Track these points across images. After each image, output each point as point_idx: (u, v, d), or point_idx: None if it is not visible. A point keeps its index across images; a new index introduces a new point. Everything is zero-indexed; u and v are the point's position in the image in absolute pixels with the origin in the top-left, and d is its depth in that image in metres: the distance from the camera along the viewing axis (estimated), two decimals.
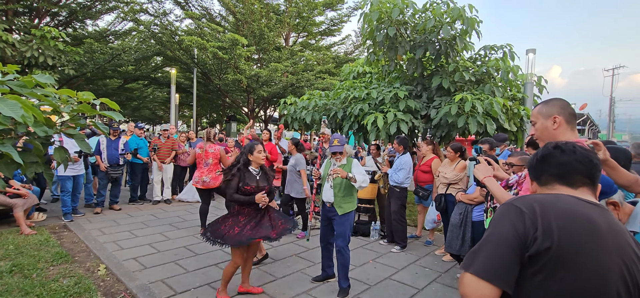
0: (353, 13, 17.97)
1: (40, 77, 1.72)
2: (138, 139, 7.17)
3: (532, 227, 0.96)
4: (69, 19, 13.36)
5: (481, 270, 0.98)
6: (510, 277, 0.96)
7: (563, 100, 1.75)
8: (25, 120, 1.29)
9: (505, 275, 0.96)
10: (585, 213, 0.99)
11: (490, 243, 1.01)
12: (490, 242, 1.01)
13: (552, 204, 1.01)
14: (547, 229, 0.95)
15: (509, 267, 0.96)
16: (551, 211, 0.98)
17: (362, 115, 5.92)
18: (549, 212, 0.98)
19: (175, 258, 4.26)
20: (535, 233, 0.95)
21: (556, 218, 0.96)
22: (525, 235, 0.96)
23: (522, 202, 1.03)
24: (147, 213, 6.46)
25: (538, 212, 0.98)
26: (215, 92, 16.90)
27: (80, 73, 12.96)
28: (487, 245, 1.01)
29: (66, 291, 3.24)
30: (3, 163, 1.62)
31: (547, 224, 0.96)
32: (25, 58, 8.27)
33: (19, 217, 4.97)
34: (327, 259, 3.74)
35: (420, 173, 5.14)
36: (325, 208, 3.60)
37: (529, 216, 0.98)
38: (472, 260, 1.02)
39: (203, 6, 16.37)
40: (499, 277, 0.96)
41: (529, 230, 0.96)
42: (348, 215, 3.48)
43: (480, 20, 5.64)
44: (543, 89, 6.75)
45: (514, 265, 0.97)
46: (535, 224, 0.96)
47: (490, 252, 0.99)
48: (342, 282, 3.46)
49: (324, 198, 3.58)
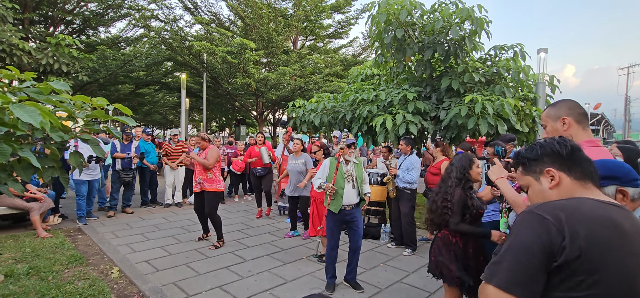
0: (361, 15, 17.96)
1: (55, 84, 1.76)
2: (146, 143, 7.31)
3: (559, 236, 0.92)
4: (83, 26, 13.69)
5: (505, 282, 0.94)
6: (536, 288, 0.93)
7: (571, 100, 1.73)
8: (43, 126, 1.32)
9: (530, 286, 0.93)
10: (610, 217, 0.96)
11: (513, 254, 0.97)
12: (514, 253, 0.97)
13: (576, 210, 0.96)
14: (575, 238, 0.91)
15: (535, 278, 0.93)
16: (576, 218, 0.94)
17: (370, 117, 5.90)
18: (575, 220, 0.94)
19: (186, 261, 4.31)
20: (563, 242, 0.92)
21: (582, 225, 0.93)
22: (551, 244, 0.92)
23: (545, 209, 0.98)
24: (159, 216, 6.54)
25: (563, 220, 0.93)
26: (224, 96, 17.06)
27: (94, 79, 13.23)
28: (510, 256, 0.97)
29: (81, 293, 3.30)
30: (21, 167, 1.66)
31: (574, 232, 0.92)
32: (41, 65, 8.48)
33: (35, 221, 5.08)
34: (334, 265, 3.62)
35: (431, 175, 5.09)
36: (343, 212, 3.50)
37: (554, 224, 0.94)
38: (494, 271, 0.98)
39: (212, 11, 16.57)
40: (524, 289, 0.93)
41: (556, 240, 0.92)
42: None
43: (489, 20, 5.58)
44: (556, 89, 6.64)
45: (540, 276, 0.93)
46: (561, 233, 0.92)
47: (514, 263, 0.95)
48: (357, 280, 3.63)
49: (346, 202, 3.47)
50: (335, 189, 3.48)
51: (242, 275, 3.92)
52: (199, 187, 4.85)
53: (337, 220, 3.55)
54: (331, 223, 3.57)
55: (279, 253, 4.65)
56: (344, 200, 3.48)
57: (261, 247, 4.93)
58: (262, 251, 4.74)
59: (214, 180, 4.84)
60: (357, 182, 3.54)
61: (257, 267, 4.16)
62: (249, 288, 3.58)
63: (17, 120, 1.39)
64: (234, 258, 4.42)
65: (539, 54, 6.86)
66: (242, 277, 3.86)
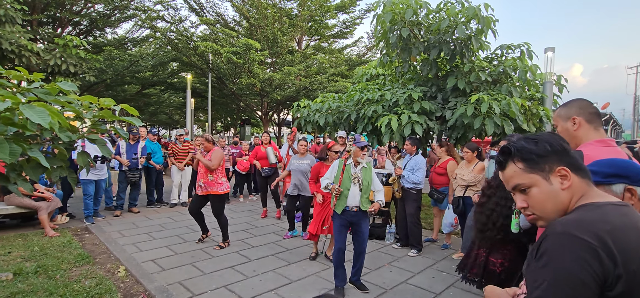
0: (366, 15, 17.93)
1: (63, 85, 1.78)
2: (151, 144, 7.36)
3: (611, 263, 0.82)
4: (90, 27, 13.84)
5: None
6: None
7: (583, 100, 1.69)
8: (52, 126, 1.33)
9: None
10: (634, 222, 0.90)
11: (559, 288, 0.84)
12: (560, 286, 0.84)
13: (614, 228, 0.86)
14: (628, 262, 0.82)
15: None
16: (619, 237, 0.84)
17: (375, 117, 5.88)
18: (620, 240, 0.84)
19: (192, 260, 4.33)
20: (616, 270, 0.82)
21: (627, 243, 0.84)
22: (604, 275, 0.82)
23: (582, 230, 0.85)
24: (165, 216, 6.59)
25: (611, 244, 0.83)
26: (229, 96, 17.13)
27: (101, 80, 13.37)
28: (555, 291, 0.84)
29: (88, 292, 3.33)
30: (30, 167, 1.68)
31: (626, 256, 0.82)
32: (48, 66, 8.58)
33: (43, 220, 5.14)
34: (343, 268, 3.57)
35: (436, 175, 5.07)
36: (347, 213, 3.49)
37: (603, 250, 0.82)
38: None
39: (217, 12, 16.65)
40: None
41: (609, 268, 0.82)
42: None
43: (496, 19, 5.53)
44: (563, 88, 6.57)
45: None
46: (613, 259, 0.82)
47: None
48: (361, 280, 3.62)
49: (351, 204, 3.46)
50: (341, 191, 3.48)
51: (247, 274, 3.93)
52: (201, 190, 4.82)
53: (343, 221, 3.54)
54: (337, 224, 3.57)
55: (283, 253, 4.65)
56: (348, 201, 3.46)
57: (266, 246, 4.94)
58: (267, 251, 4.75)
59: (216, 183, 4.79)
60: (363, 184, 3.50)
61: (262, 267, 4.17)
62: (254, 288, 3.59)
63: (26, 120, 1.41)
64: (239, 258, 4.43)
65: (546, 53, 6.79)
66: (247, 277, 3.87)
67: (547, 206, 1.00)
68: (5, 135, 1.41)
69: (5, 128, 1.40)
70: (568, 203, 0.99)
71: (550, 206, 1.00)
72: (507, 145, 1.07)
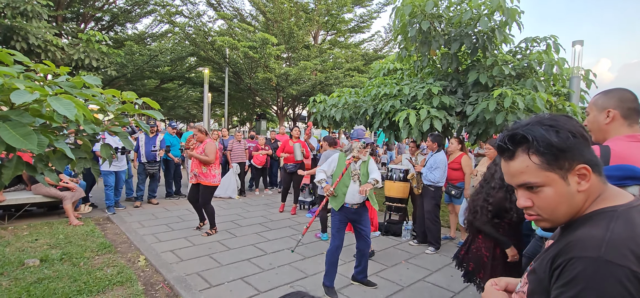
0: (383, 9, 17.66)
1: (87, 78, 1.80)
2: (171, 137, 7.48)
3: None
4: (111, 23, 14.21)
5: None
6: None
7: (627, 91, 1.51)
8: (77, 119, 1.35)
9: None
10: None
11: None
12: None
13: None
14: None
15: None
16: None
17: (393, 112, 5.79)
18: None
19: (209, 252, 4.39)
20: None
21: None
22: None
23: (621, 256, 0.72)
24: (183, 208, 6.71)
25: None
26: (245, 91, 17.26)
27: (121, 74, 13.71)
28: None
29: (110, 280, 3.42)
30: (56, 158, 1.71)
31: None
32: (72, 60, 8.86)
33: (68, 209, 5.32)
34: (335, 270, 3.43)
35: (450, 170, 4.94)
36: (347, 210, 3.39)
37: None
38: None
39: (234, 7, 16.76)
40: None
41: None
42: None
43: (521, 11, 5.32)
44: (591, 84, 6.28)
45: None
46: None
47: None
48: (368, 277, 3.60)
49: (350, 201, 3.36)
50: (335, 193, 3.38)
51: (263, 267, 3.96)
52: (195, 179, 5.10)
53: (342, 218, 3.42)
54: (336, 220, 3.44)
55: (299, 248, 4.66)
56: (347, 199, 3.35)
57: (282, 240, 4.96)
58: (282, 244, 4.77)
59: (209, 175, 5.05)
60: (362, 179, 3.40)
61: (278, 260, 4.18)
62: (270, 281, 3.60)
63: (53, 112, 1.43)
64: (255, 251, 4.46)
65: (574, 46, 6.48)
66: (263, 270, 3.89)
67: (559, 209, 0.84)
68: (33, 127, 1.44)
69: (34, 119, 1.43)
70: (582, 206, 0.84)
71: (563, 209, 0.84)
72: (520, 131, 0.84)
